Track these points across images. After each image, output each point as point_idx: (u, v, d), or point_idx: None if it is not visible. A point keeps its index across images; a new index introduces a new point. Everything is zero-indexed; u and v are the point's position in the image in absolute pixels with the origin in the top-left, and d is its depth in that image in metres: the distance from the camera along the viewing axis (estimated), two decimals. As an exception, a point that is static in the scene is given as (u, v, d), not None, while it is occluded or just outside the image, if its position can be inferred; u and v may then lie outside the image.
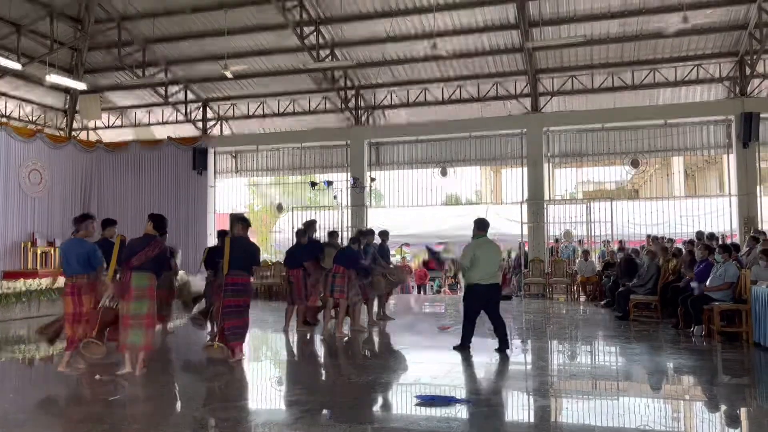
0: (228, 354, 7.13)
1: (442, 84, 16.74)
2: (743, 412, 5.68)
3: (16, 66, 14.48)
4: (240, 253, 7.19)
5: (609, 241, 15.93)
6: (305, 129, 18.25)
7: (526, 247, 15.99)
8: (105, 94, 18.71)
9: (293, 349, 8.96)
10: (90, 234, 6.90)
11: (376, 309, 11.00)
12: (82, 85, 16.61)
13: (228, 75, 15.06)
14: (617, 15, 13.95)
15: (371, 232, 11.03)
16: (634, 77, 15.65)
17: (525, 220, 15.78)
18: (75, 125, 19.29)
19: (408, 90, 17.17)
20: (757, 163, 14.79)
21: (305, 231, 10.07)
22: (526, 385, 6.53)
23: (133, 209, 18.00)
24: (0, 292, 11.25)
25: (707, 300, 8.93)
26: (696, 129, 15.70)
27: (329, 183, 17.35)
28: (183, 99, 18.53)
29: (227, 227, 9.07)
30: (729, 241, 12.36)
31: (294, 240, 10.88)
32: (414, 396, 5.75)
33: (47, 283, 11.94)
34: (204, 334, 9.23)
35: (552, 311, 13.13)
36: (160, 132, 19.42)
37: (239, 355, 7.28)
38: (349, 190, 17.30)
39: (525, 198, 16.16)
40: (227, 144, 18.95)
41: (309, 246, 9.92)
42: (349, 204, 17.39)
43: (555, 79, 16.09)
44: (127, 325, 6.49)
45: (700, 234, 12.25)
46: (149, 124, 19.74)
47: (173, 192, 18.44)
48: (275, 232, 19.81)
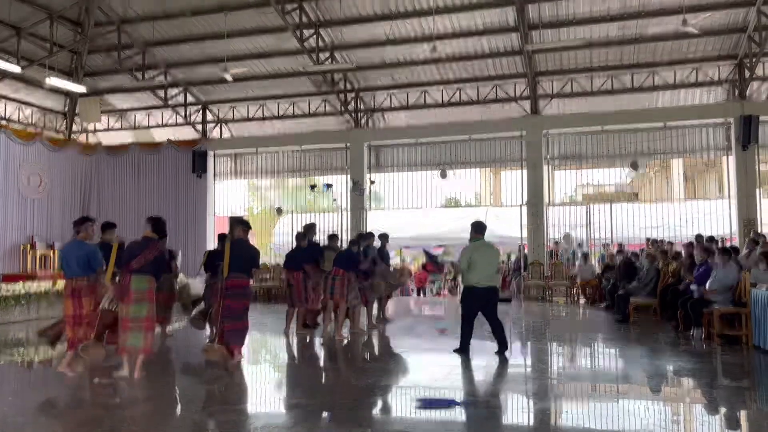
0: (227, 356, 7.12)
1: (441, 86, 16.74)
2: (743, 414, 5.68)
3: (15, 69, 14.48)
4: (240, 256, 7.19)
5: (608, 244, 15.94)
6: (305, 132, 18.24)
7: (525, 250, 16.00)
8: (105, 96, 18.69)
9: (293, 352, 8.96)
10: (90, 236, 6.91)
11: (375, 312, 11.00)
12: (81, 88, 16.59)
13: (228, 78, 15.07)
14: (616, 18, 13.96)
15: (371, 234, 11.06)
16: (633, 80, 15.66)
17: (524, 222, 15.79)
18: (75, 128, 19.28)
19: (407, 93, 17.17)
20: (757, 166, 14.80)
21: (305, 234, 10.07)
22: (525, 388, 6.52)
23: (133, 212, 17.95)
24: (-1, 294, 11.25)
25: (707, 303, 8.92)
26: (695, 132, 15.72)
27: (329, 186, 17.34)
28: (183, 102, 18.53)
29: (227, 230, 9.08)
30: (728, 244, 12.36)
31: (294, 243, 10.90)
32: (414, 399, 5.74)
33: (46, 286, 11.94)
34: (203, 336, 9.23)
35: (552, 314, 13.12)
36: (159, 135, 19.41)
37: (238, 358, 7.28)
38: (349, 192, 17.31)
39: (524, 200, 16.17)
40: (227, 147, 18.95)
41: (309, 249, 9.91)
42: (349, 206, 17.39)
43: (554, 82, 16.10)
44: (127, 328, 6.49)
45: (699, 237, 12.25)
46: (149, 126, 19.72)
47: (173, 195, 18.43)
48: (275, 235, 19.81)
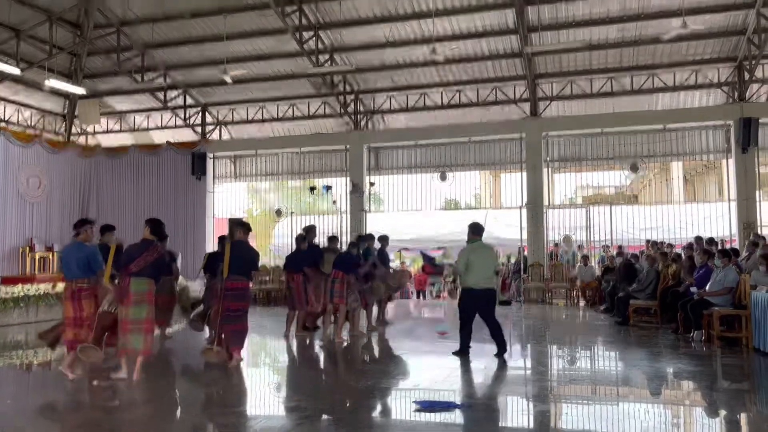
0: (226, 358, 7.12)
1: (441, 89, 16.75)
2: (743, 417, 5.66)
3: (15, 71, 14.49)
4: (240, 258, 7.19)
5: (608, 246, 15.93)
6: (304, 134, 18.24)
7: (525, 252, 15.99)
8: (104, 98, 18.68)
9: (292, 355, 8.94)
10: (89, 238, 6.90)
11: (375, 314, 10.98)
12: (81, 90, 16.59)
13: (227, 80, 15.06)
14: (616, 20, 13.98)
15: (371, 236, 11.05)
16: (633, 82, 15.67)
17: (524, 224, 15.78)
18: (74, 130, 19.28)
19: (407, 95, 17.18)
20: (756, 168, 14.81)
21: (305, 236, 10.06)
22: (525, 390, 6.51)
23: (132, 214, 17.94)
24: (-2, 297, 11.23)
25: (707, 305, 8.91)
26: (695, 134, 15.72)
27: (328, 188, 17.33)
28: (182, 104, 18.53)
29: (226, 232, 9.07)
30: (728, 246, 12.35)
31: (293, 245, 10.89)
32: (413, 401, 5.73)
33: (45, 289, 11.92)
34: (202, 338, 9.21)
35: (551, 316, 13.11)
36: (159, 137, 19.41)
37: (237, 359, 7.26)
38: (348, 194, 17.30)
39: (524, 203, 16.16)
40: (226, 149, 18.94)
41: (309, 251, 9.89)
42: (349, 208, 17.39)
43: (554, 84, 16.11)
44: (127, 330, 6.47)
45: (699, 239, 12.25)
46: (148, 128, 19.71)
47: (172, 197, 18.42)
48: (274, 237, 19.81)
